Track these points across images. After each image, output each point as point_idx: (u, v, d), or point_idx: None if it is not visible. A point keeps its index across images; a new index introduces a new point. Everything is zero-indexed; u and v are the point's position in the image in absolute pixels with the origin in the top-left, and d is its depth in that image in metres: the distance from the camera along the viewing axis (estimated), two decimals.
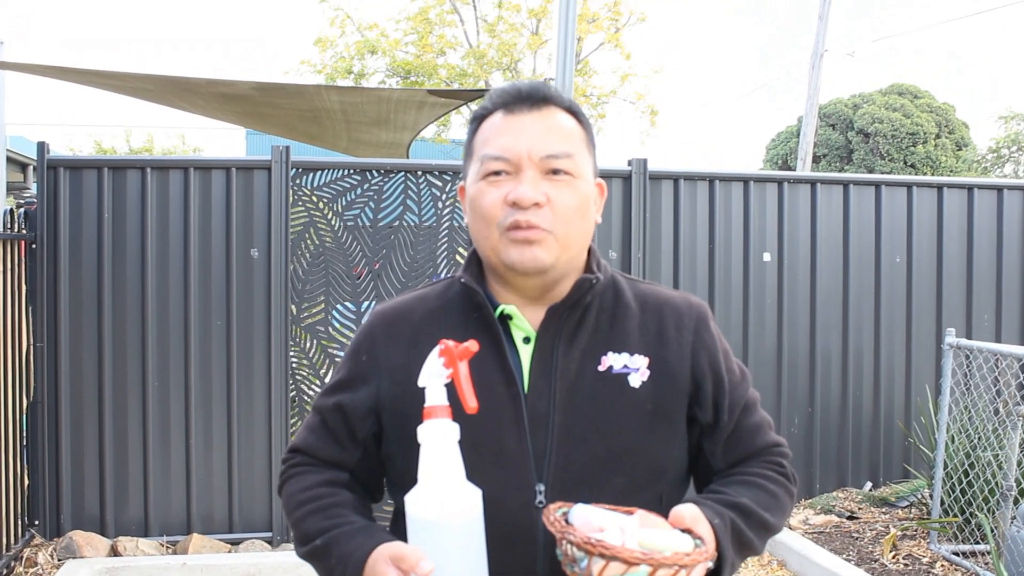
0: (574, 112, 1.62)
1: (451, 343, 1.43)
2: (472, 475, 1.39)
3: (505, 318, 1.59)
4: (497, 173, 1.54)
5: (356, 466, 1.65)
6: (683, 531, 1.39)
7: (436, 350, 1.44)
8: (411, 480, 1.42)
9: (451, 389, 1.42)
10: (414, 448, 1.42)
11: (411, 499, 1.38)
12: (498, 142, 1.56)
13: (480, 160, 1.57)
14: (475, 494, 1.38)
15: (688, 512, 1.41)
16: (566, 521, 1.37)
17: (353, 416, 1.62)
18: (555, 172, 1.54)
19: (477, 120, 1.63)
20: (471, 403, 1.40)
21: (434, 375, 1.43)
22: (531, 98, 1.58)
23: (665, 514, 1.43)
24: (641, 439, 1.56)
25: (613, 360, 1.58)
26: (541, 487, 1.52)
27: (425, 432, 1.40)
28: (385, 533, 1.49)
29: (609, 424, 1.55)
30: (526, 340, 1.59)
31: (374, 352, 1.64)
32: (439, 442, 1.39)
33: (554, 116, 1.58)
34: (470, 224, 1.61)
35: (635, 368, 1.58)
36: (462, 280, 1.61)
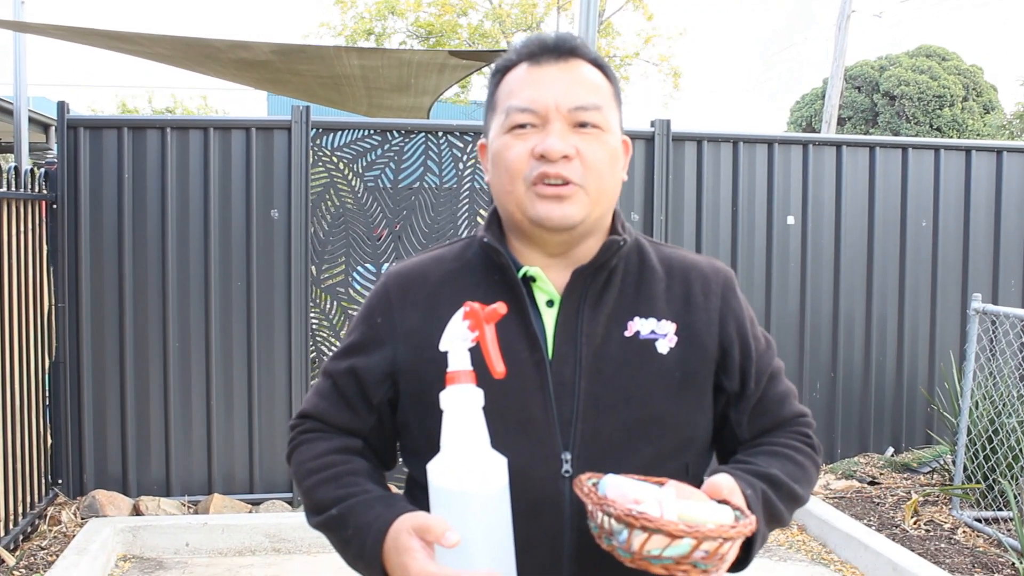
0: (600, 65, 1.55)
1: (476, 305, 1.37)
2: (496, 443, 1.34)
3: (528, 280, 1.53)
4: (523, 126, 1.48)
5: (370, 433, 1.59)
6: (719, 502, 1.35)
7: (460, 312, 1.38)
8: (428, 447, 1.37)
9: (473, 354, 1.37)
10: (433, 414, 1.37)
11: (434, 468, 1.33)
12: (524, 94, 1.49)
13: (505, 112, 1.50)
14: (500, 463, 1.33)
15: (725, 483, 1.38)
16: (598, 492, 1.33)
17: (368, 380, 1.55)
18: (583, 125, 1.48)
19: (500, 72, 1.56)
20: (499, 368, 1.35)
21: (458, 338, 1.37)
22: (557, 49, 1.52)
23: (691, 484, 1.40)
24: (671, 407, 1.52)
25: (640, 325, 1.53)
26: (567, 456, 1.47)
27: (448, 398, 1.34)
28: (405, 503, 1.44)
29: (638, 391, 1.50)
30: (549, 303, 1.53)
31: (390, 315, 1.57)
32: (463, 408, 1.33)
33: (581, 68, 1.52)
34: (492, 180, 1.55)
35: (663, 334, 1.53)
36: (484, 240, 1.54)
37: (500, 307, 1.37)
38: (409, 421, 1.56)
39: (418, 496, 1.48)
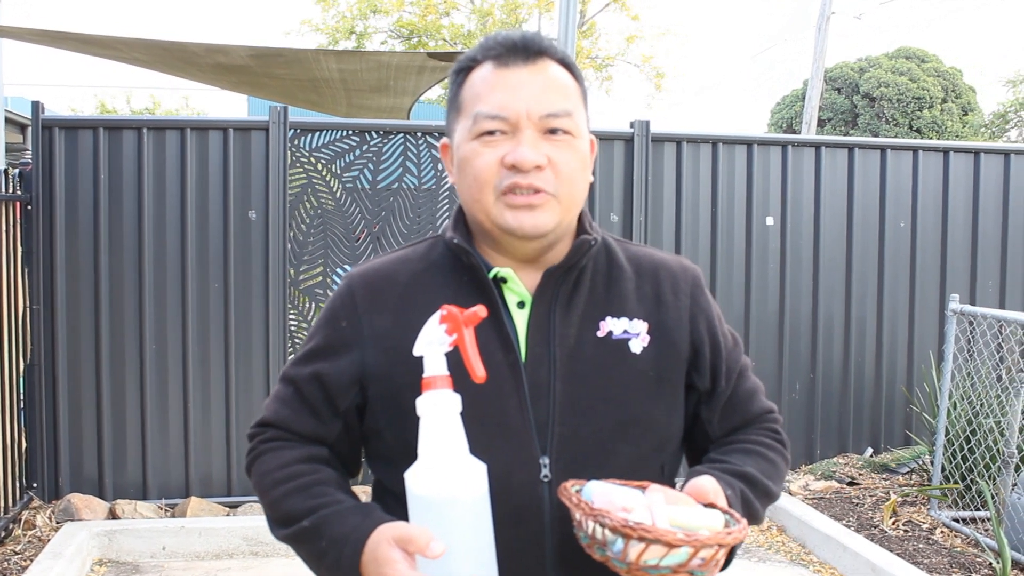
0: (568, 65, 1.52)
1: (455, 308, 1.35)
2: (473, 448, 1.32)
3: (499, 281, 1.50)
4: (492, 132, 1.45)
5: (335, 440, 1.54)
6: (706, 505, 1.34)
7: (436, 316, 1.35)
8: (400, 454, 1.35)
9: (448, 358, 1.35)
10: (406, 420, 1.35)
11: (412, 476, 1.30)
12: (492, 99, 1.45)
13: (472, 118, 1.46)
14: (480, 469, 1.31)
15: (710, 485, 1.37)
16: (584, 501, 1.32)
17: (334, 386, 1.51)
18: (554, 131, 1.45)
19: (464, 71, 1.52)
20: (479, 372, 1.33)
21: (434, 343, 1.34)
22: (526, 50, 1.47)
23: (667, 485, 1.39)
24: (647, 408, 1.51)
25: (612, 325, 1.51)
26: (545, 460, 1.45)
27: (425, 404, 1.31)
28: (381, 512, 1.40)
29: (615, 393, 1.48)
30: (520, 305, 1.51)
31: (356, 318, 1.52)
32: (441, 414, 1.31)
33: (549, 70, 1.48)
34: (459, 185, 1.51)
35: (635, 333, 1.51)
36: (454, 241, 1.51)
37: (480, 310, 1.35)
38: (380, 427, 1.52)
39: (390, 504, 1.45)
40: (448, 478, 1.28)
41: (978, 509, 5.25)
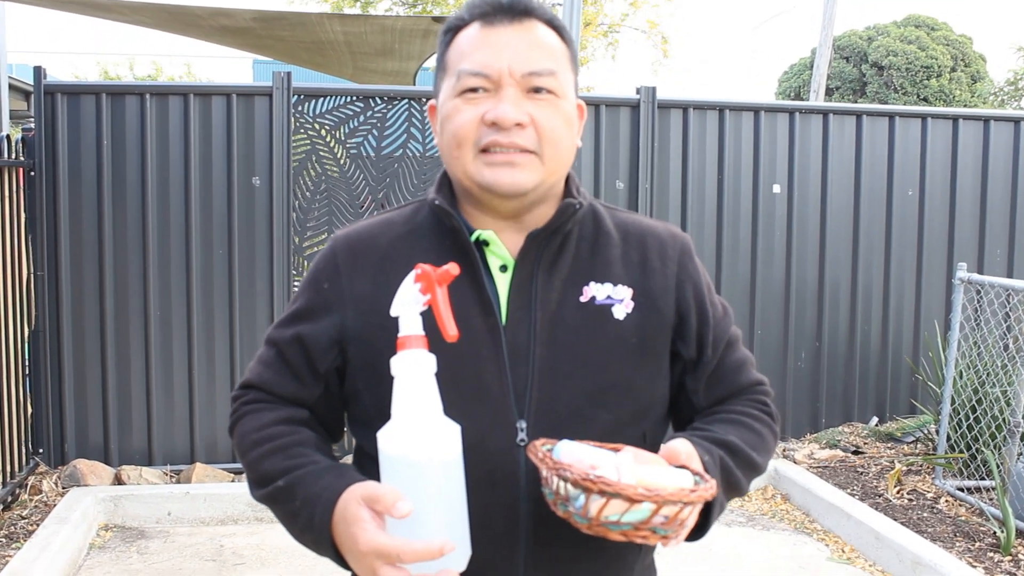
0: (556, 26, 1.50)
1: (428, 267, 1.33)
2: (449, 412, 1.31)
3: (481, 244, 1.49)
4: (474, 90, 1.44)
5: (316, 403, 1.54)
6: (677, 467, 1.32)
7: (411, 275, 1.34)
8: (378, 417, 1.33)
9: (425, 318, 1.33)
10: (384, 383, 1.33)
11: (384, 436, 1.29)
12: (476, 57, 1.44)
13: (456, 75, 1.45)
14: (454, 430, 1.29)
15: (683, 448, 1.35)
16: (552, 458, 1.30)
17: (314, 349, 1.50)
18: (537, 90, 1.43)
19: (451, 31, 1.51)
20: (451, 330, 1.31)
21: (409, 303, 1.33)
22: (512, 9, 1.46)
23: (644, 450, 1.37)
24: (627, 374, 1.49)
25: (596, 290, 1.50)
26: (522, 424, 1.44)
27: (399, 363, 1.30)
28: (355, 473, 1.40)
29: (594, 358, 1.47)
30: (503, 268, 1.50)
31: (337, 280, 1.52)
32: (415, 374, 1.29)
33: (536, 30, 1.47)
34: (441, 144, 1.50)
35: (619, 299, 1.50)
36: (435, 202, 1.50)
37: (452, 268, 1.33)
38: (359, 390, 1.51)
39: (367, 468, 1.44)
40: (420, 438, 1.26)
41: (983, 478, 5.25)
